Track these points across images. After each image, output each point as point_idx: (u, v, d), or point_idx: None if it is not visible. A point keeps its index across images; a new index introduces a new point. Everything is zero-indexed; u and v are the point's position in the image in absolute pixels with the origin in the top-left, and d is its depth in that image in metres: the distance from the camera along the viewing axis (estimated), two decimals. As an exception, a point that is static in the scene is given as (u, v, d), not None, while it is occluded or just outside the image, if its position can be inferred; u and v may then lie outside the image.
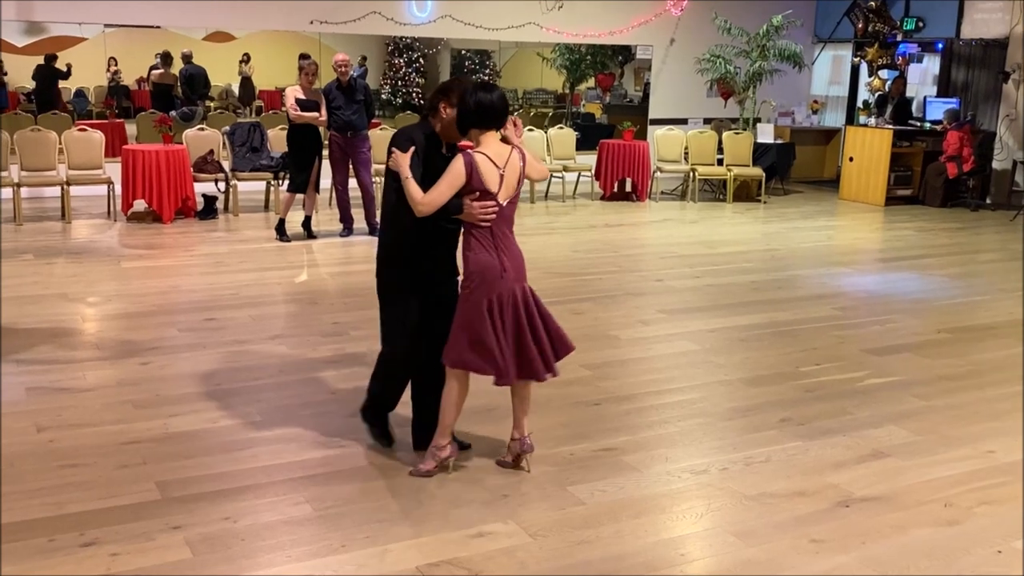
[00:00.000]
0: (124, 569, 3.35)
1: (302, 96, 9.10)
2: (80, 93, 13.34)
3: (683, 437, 4.74)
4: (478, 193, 3.93)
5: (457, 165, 3.91)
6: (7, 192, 9.85)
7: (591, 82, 15.92)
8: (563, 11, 13.65)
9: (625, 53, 15.47)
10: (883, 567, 3.53)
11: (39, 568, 3.34)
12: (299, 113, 9.06)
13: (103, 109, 13.32)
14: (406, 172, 3.93)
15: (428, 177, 3.96)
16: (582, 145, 13.09)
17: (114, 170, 10.22)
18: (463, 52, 14.85)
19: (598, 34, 14.17)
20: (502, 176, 3.97)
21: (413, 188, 3.92)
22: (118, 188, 10.14)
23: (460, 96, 3.98)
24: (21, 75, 12.83)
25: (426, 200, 3.90)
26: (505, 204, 4.01)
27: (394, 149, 4.01)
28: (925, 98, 14.01)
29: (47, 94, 12.71)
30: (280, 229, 9.35)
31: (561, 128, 13.11)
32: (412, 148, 3.99)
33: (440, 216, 3.97)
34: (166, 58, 12.98)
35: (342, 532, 3.65)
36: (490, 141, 4.01)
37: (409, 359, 4.27)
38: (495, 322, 3.99)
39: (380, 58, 14.79)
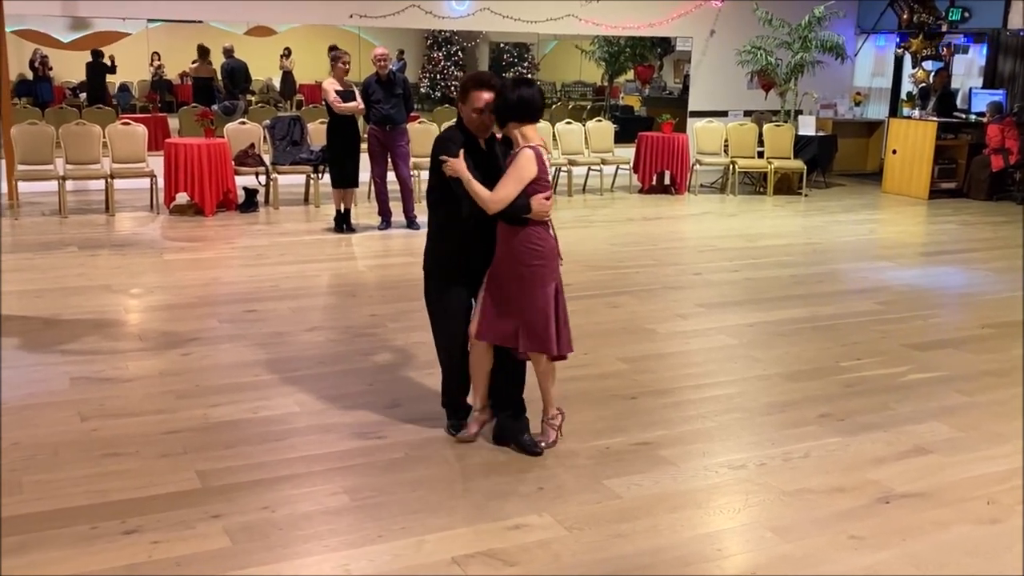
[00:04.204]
0: (164, 556, 3.39)
1: (340, 88, 9.17)
2: (124, 87, 13.53)
3: (720, 432, 4.71)
4: (544, 184, 4.05)
5: (525, 159, 4.00)
6: (52, 185, 10.01)
7: (630, 74, 15.83)
8: (602, 3, 13.59)
9: (664, 45, 15.37)
10: (923, 564, 3.48)
11: (81, 555, 3.40)
12: (343, 105, 9.12)
13: (146, 103, 13.50)
14: (467, 175, 4.00)
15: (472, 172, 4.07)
16: (621, 138, 13.01)
17: (157, 163, 10.36)
18: (501, 45, 14.83)
19: (637, 26, 14.09)
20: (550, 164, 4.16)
21: (479, 188, 4.00)
22: (161, 181, 10.27)
23: (498, 91, 4.06)
24: (67, 70, 13.04)
25: (496, 197, 3.99)
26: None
27: (444, 157, 4.04)
28: (971, 89, 13.77)
29: (97, 89, 12.94)
30: (338, 220, 9.44)
31: (600, 121, 13.06)
32: (462, 151, 4.04)
33: (507, 217, 4.05)
34: (202, 52, 13.13)
35: (379, 522, 3.68)
36: (532, 134, 4.09)
37: (462, 346, 4.37)
38: (560, 302, 4.21)
39: (419, 52, 14.82)
